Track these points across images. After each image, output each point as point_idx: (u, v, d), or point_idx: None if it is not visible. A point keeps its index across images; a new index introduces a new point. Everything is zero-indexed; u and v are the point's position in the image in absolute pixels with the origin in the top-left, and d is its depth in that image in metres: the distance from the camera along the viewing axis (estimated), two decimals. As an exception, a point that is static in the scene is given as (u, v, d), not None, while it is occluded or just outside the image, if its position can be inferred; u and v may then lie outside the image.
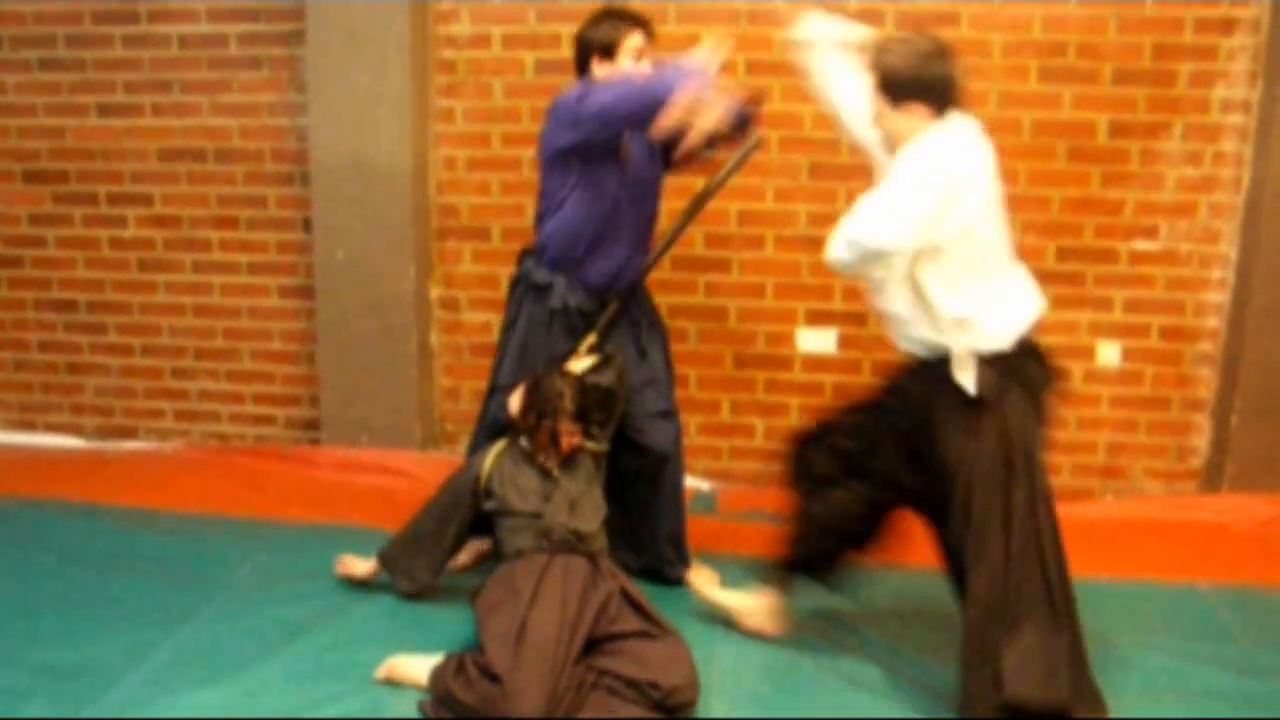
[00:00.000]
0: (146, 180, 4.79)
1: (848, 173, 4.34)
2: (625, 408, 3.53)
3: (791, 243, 4.48)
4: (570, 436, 3.34)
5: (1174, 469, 4.56)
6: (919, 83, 2.83)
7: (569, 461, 3.37)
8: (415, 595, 3.48)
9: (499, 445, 3.46)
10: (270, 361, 4.88)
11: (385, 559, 3.54)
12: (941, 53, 2.87)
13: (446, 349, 4.75)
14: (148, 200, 4.80)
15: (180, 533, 3.99)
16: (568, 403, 3.36)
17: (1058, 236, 4.38)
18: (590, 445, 3.43)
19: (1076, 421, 4.52)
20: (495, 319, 4.60)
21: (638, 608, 3.06)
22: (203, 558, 3.78)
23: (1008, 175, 4.24)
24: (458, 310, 4.71)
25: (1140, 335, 4.45)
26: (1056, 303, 4.35)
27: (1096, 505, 4.49)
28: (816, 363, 4.58)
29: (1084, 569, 3.13)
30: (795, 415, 4.59)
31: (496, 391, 3.67)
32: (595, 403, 3.42)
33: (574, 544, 3.17)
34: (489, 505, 3.36)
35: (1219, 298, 4.39)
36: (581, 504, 3.29)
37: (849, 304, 4.50)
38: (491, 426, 3.65)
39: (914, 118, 2.86)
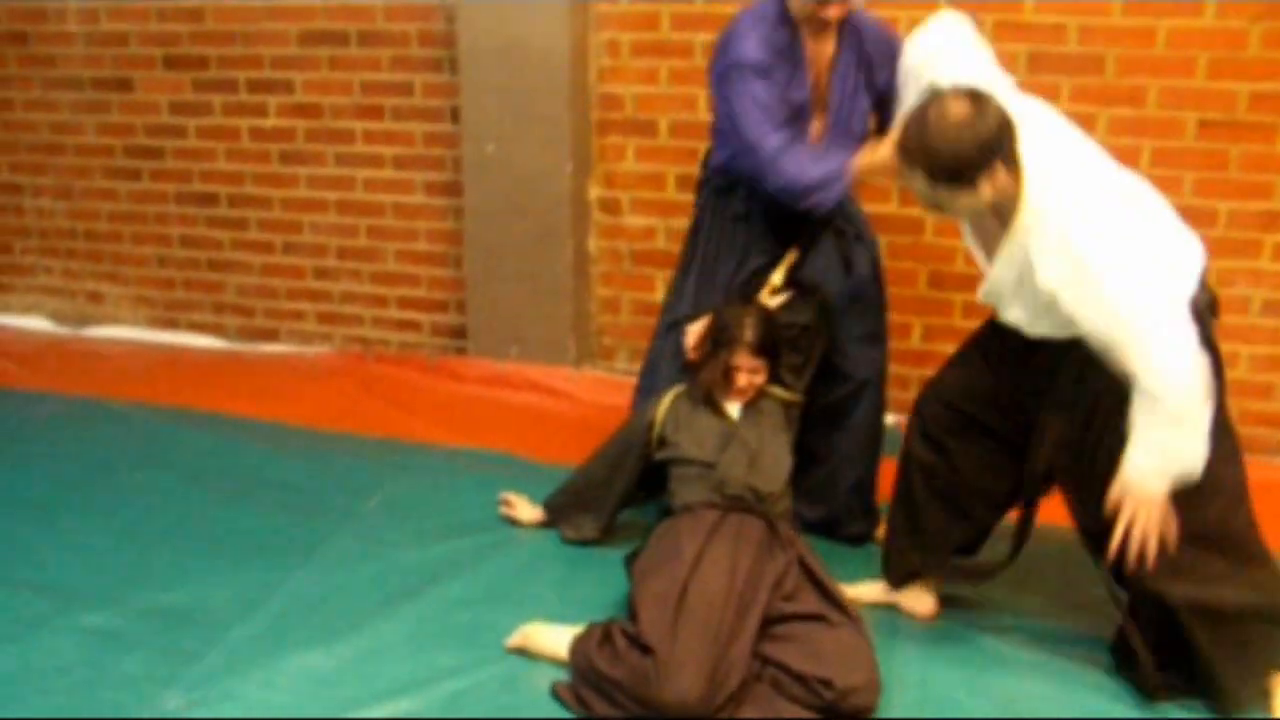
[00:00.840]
0: (287, 66, 4.43)
1: (1074, 64, 3.70)
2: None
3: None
4: (751, 375, 2.89)
5: None
6: (986, 151, 2.30)
7: (752, 408, 2.93)
8: (580, 543, 3.14)
9: (675, 389, 3.04)
10: (416, 263, 4.52)
11: (552, 509, 3.20)
12: (977, 104, 2.31)
13: (605, 255, 4.31)
14: (288, 87, 4.44)
15: (312, 453, 3.69)
16: (748, 332, 2.91)
17: None
18: (778, 392, 2.99)
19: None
20: (660, 224, 4.17)
21: (818, 584, 2.60)
22: (332, 484, 3.47)
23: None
24: (619, 213, 4.25)
25: None
26: None
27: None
28: None
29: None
30: None
31: (674, 324, 3.23)
32: (787, 341, 2.97)
33: (751, 502, 2.74)
34: (661, 454, 2.96)
35: None
36: (762, 458, 2.84)
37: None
38: (663, 366, 3.25)
39: (999, 180, 2.34)
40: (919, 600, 2.87)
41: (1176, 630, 2.51)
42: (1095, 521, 2.50)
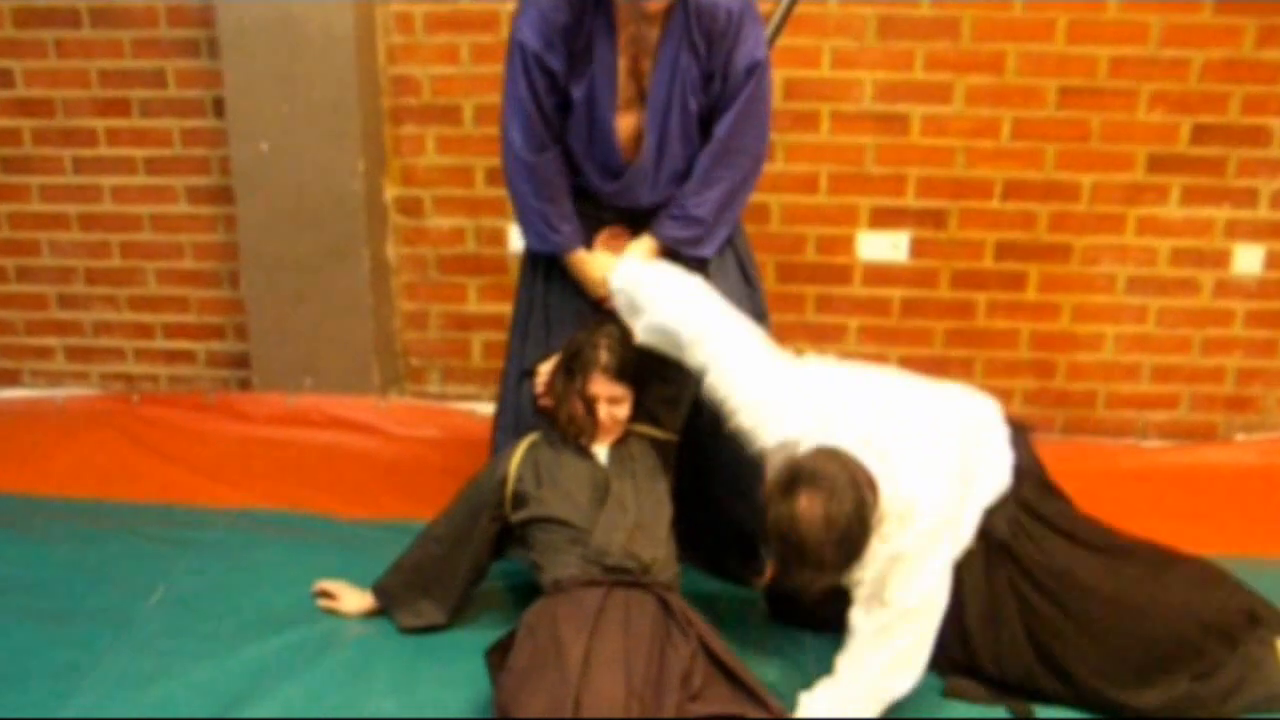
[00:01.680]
0: (2, 53, 3.65)
1: (926, 29, 3.35)
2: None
3: (853, 121, 3.47)
4: (612, 405, 2.43)
5: (1318, 397, 3.71)
6: (862, 519, 2.08)
7: (621, 451, 2.47)
8: (422, 631, 2.59)
9: (529, 438, 2.54)
10: (182, 284, 3.82)
11: (385, 594, 2.62)
12: (821, 488, 2.06)
13: (408, 264, 3.73)
14: (6, 79, 3.66)
15: (70, 536, 2.98)
16: (603, 354, 2.43)
17: (1195, 111, 3.42)
18: (648, 430, 2.53)
19: (1202, 343, 3.63)
20: (469, 224, 3.64)
21: (728, 673, 2.15)
22: (98, 579, 2.79)
23: (1137, 31, 3.36)
24: (421, 215, 3.68)
25: (1289, 234, 3.55)
26: (1189, 197, 3.46)
27: (1225, 447, 3.63)
28: (882, 274, 3.62)
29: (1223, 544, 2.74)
30: (853, 339, 3.68)
31: (525, 374, 2.76)
32: (655, 370, 2.50)
33: (636, 574, 2.26)
34: (520, 516, 2.45)
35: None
36: (642, 515, 2.37)
37: (924, 199, 3.52)
38: (517, 422, 2.77)
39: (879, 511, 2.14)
40: None
41: None
42: None
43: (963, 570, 2.32)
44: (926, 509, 2.15)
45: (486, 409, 3.67)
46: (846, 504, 2.03)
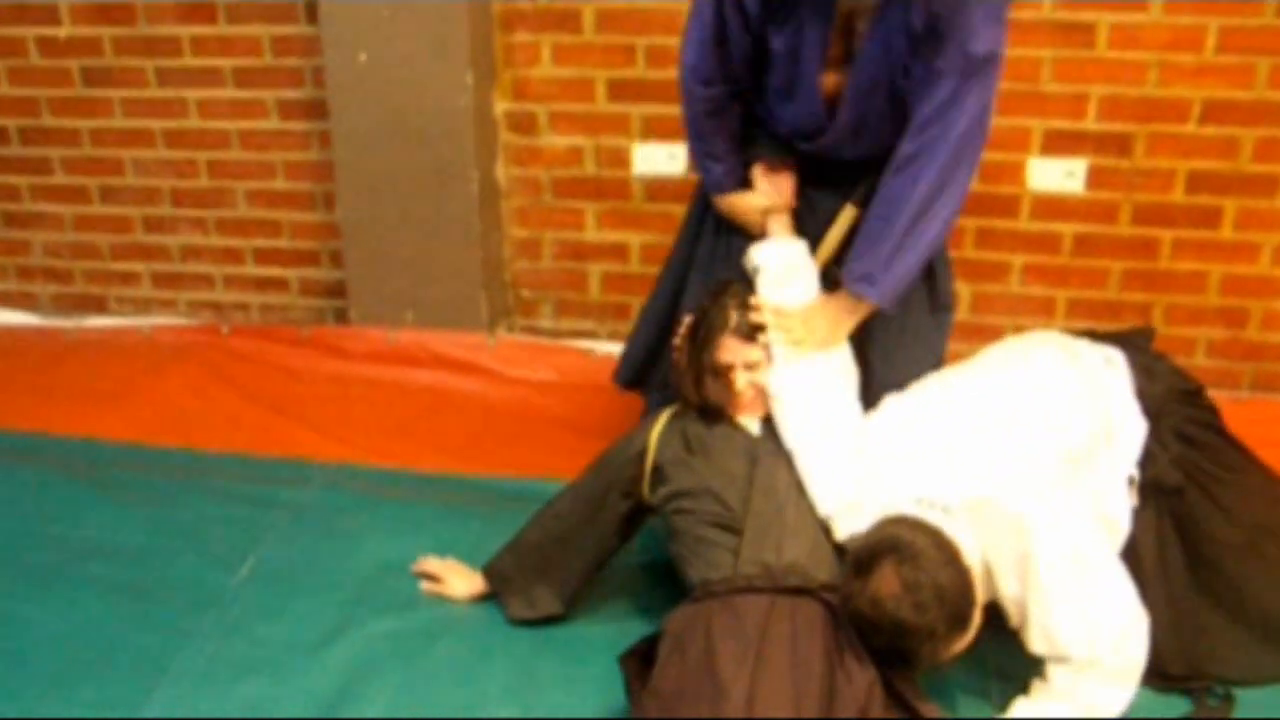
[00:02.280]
0: (78, -50, 3.34)
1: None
2: None
3: (1029, 31, 2.99)
4: (750, 371, 2.10)
5: None
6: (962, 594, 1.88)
7: (773, 426, 2.13)
8: (537, 623, 2.28)
9: (673, 406, 2.21)
10: (274, 206, 3.51)
11: (497, 576, 2.31)
12: (904, 567, 1.85)
13: (520, 186, 3.39)
14: (85, -21, 3.37)
15: (152, 494, 2.70)
16: (732, 312, 2.11)
17: None
18: None
19: None
20: (588, 143, 3.26)
21: (907, 706, 1.81)
22: (185, 545, 2.51)
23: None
24: (535, 132, 3.32)
25: None
26: None
27: None
28: (1054, 206, 3.17)
29: None
30: (1016, 279, 3.27)
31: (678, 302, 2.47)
32: None
33: (803, 578, 1.94)
34: (663, 492, 2.12)
35: None
36: (790, 501, 2.04)
37: (1107, 122, 3.05)
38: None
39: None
40: None
41: None
42: None
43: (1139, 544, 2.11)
44: (1038, 530, 1.91)
45: (605, 348, 3.35)
46: (920, 557, 1.85)
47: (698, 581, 1.99)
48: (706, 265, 2.43)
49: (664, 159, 3.26)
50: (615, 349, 3.33)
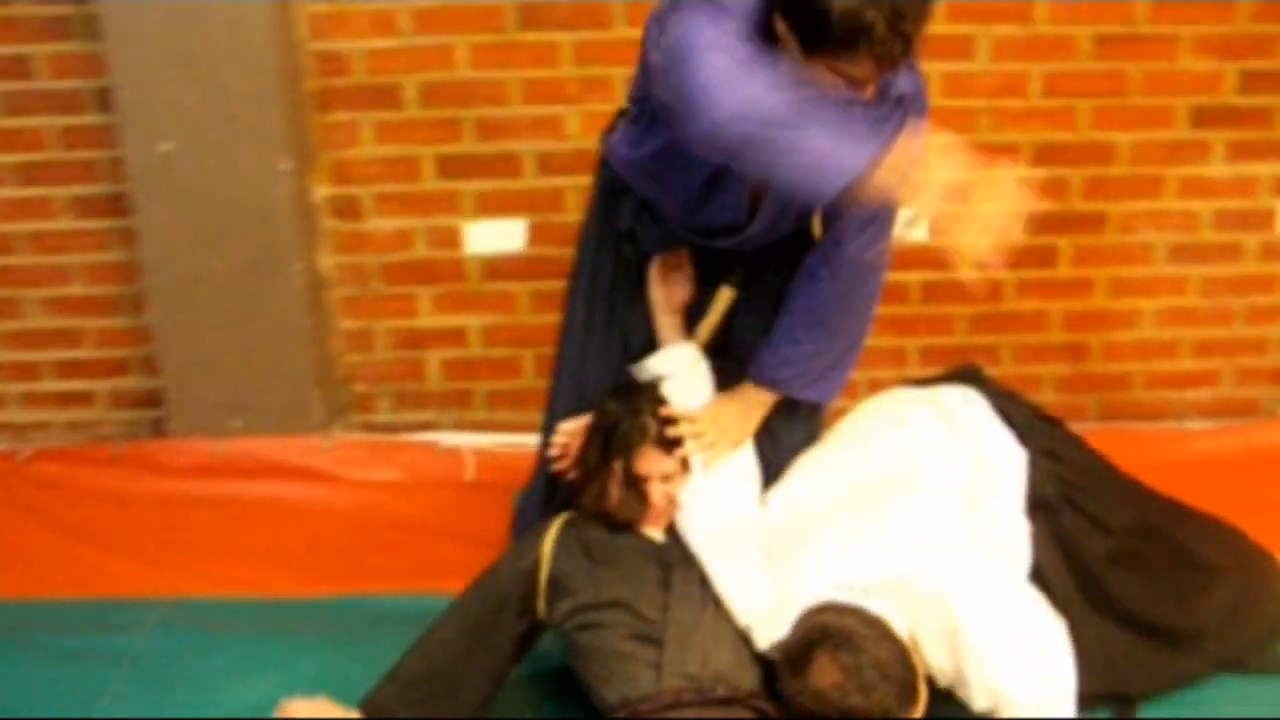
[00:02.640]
0: None
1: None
2: None
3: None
4: (666, 483, 1.97)
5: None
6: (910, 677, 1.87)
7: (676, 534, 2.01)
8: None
9: (563, 516, 2.04)
10: (73, 313, 3.16)
11: (376, 712, 2.05)
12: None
13: (347, 275, 3.14)
14: None
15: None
16: (649, 420, 1.98)
17: (1242, 57, 3.04)
18: None
19: (1246, 313, 3.28)
20: (419, 225, 3.08)
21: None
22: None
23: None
24: (359, 216, 3.09)
25: (1337, 189, 3.20)
26: (1234, 153, 3.09)
27: (1277, 427, 3.31)
28: (902, 256, 3.02)
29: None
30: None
31: (560, 390, 2.33)
32: None
33: (730, 688, 1.82)
34: (564, 608, 1.96)
35: None
36: (711, 611, 1.91)
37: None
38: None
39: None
40: None
41: None
42: None
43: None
44: (961, 607, 1.89)
45: (451, 439, 3.16)
46: (854, 638, 1.80)
47: (616, 701, 1.83)
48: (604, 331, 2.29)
49: (499, 236, 3.10)
50: (461, 440, 3.17)
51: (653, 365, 2.18)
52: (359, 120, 3.00)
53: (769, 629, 1.94)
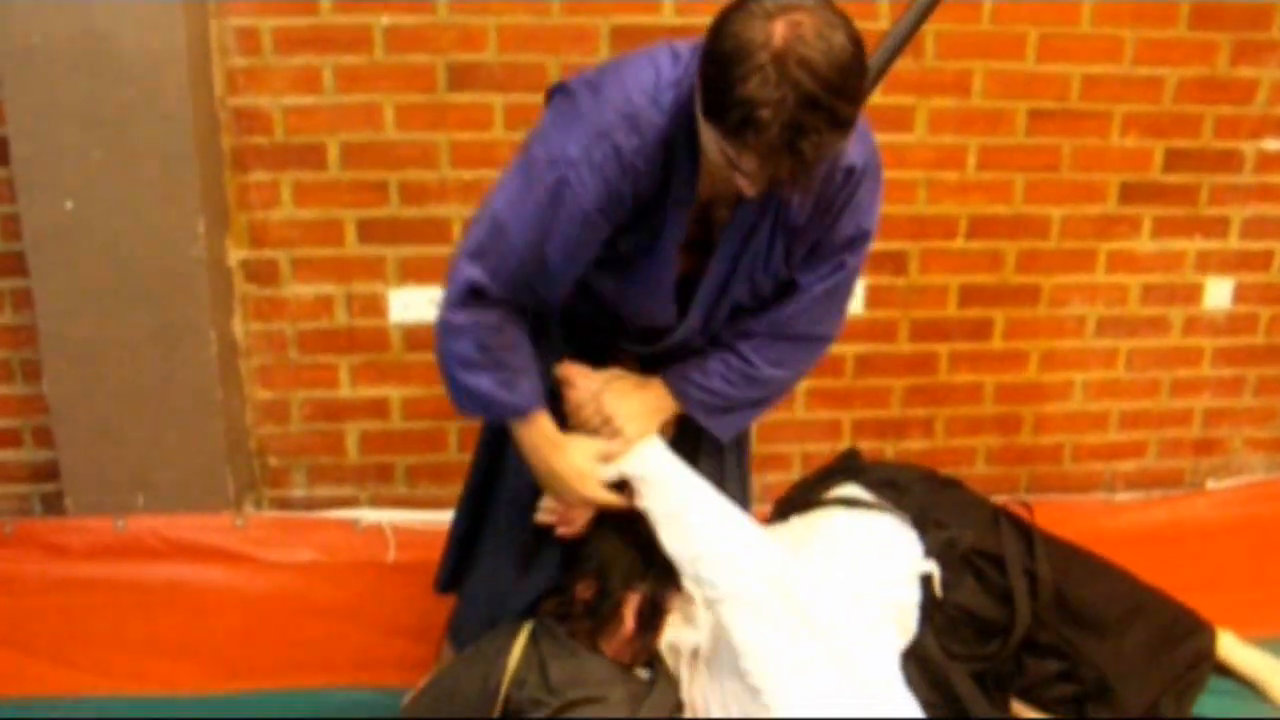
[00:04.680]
0: None
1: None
2: None
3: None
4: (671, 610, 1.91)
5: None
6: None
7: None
8: None
9: (527, 625, 1.91)
10: (-41, 380, 2.97)
11: None
12: None
13: (261, 343, 2.97)
14: None
15: None
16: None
17: (1169, 135, 3.06)
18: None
19: (1171, 385, 3.31)
20: (338, 291, 2.94)
21: None
22: None
23: (1111, 47, 3.00)
24: (276, 281, 2.92)
25: (1258, 268, 3.26)
26: (1161, 228, 3.14)
27: (1204, 499, 3.31)
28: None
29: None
30: (802, 405, 3.16)
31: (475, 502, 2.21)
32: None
33: None
34: None
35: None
36: None
37: (883, 241, 2.75)
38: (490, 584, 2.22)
39: None
40: None
41: None
42: None
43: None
44: None
45: (370, 516, 3.00)
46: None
47: None
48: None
49: (424, 304, 2.93)
50: (380, 516, 3.01)
51: (628, 466, 2.01)
52: (278, 180, 2.84)
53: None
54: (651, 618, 2.00)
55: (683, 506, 1.92)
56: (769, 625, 1.85)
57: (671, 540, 1.91)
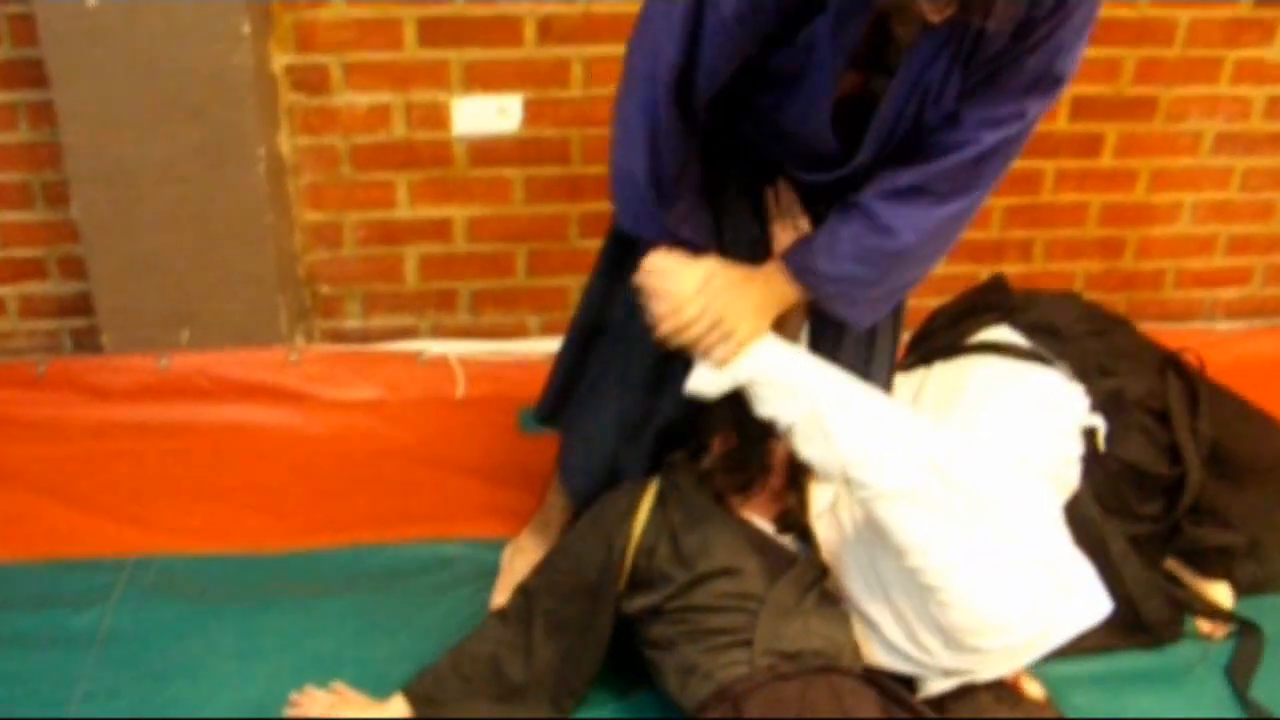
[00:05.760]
0: None
1: None
2: None
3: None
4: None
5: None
6: None
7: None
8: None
9: (654, 483, 1.74)
10: (-24, 201, 2.64)
11: (422, 698, 1.73)
12: None
13: (311, 159, 2.65)
14: None
15: None
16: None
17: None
18: None
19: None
20: (396, 100, 2.63)
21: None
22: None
23: None
24: (327, 90, 2.59)
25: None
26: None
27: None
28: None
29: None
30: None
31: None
32: None
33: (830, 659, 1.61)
34: (648, 601, 1.64)
35: None
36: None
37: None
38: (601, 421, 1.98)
39: None
40: None
41: None
42: None
43: None
44: None
45: (435, 348, 2.76)
46: None
47: (708, 693, 1.57)
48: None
49: (492, 114, 2.64)
50: (444, 347, 2.78)
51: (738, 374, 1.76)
52: (328, -26, 2.50)
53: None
54: (798, 472, 1.82)
55: (814, 408, 1.66)
56: (939, 519, 1.64)
57: (809, 447, 1.67)
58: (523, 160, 2.71)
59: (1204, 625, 2.12)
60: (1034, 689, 1.92)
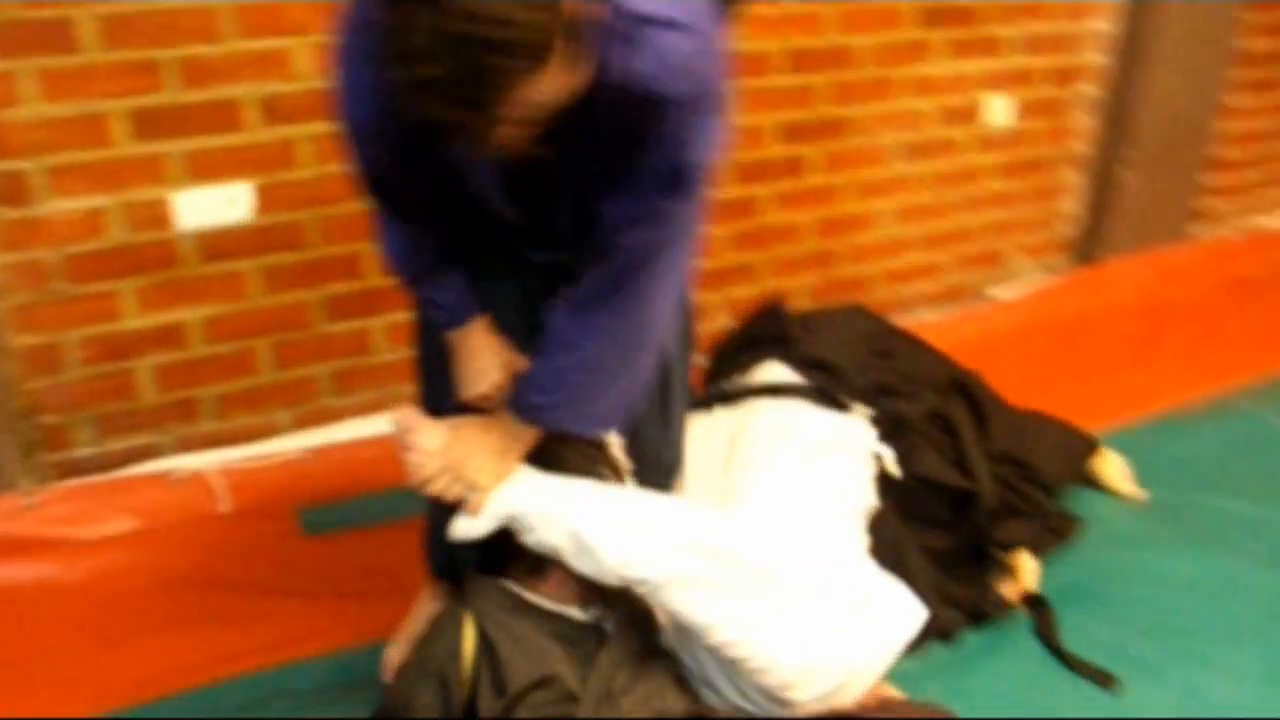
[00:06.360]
0: None
1: None
2: None
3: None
4: None
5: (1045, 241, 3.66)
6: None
7: None
8: None
9: (469, 619, 1.74)
10: None
11: None
12: None
13: (18, 277, 2.34)
14: None
15: None
16: None
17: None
18: None
19: (961, 203, 3.40)
20: (110, 202, 2.41)
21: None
22: None
23: None
24: (28, 199, 2.30)
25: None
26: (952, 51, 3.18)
27: (995, 311, 3.44)
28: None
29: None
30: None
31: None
32: None
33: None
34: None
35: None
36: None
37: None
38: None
39: None
40: None
41: None
42: None
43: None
44: None
45: (183, 464, 2.52)
46: None
47: None
48: None
49: (219, 204, 2.44)
50: (194, 461, 2.55)
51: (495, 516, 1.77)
52: (15, 70, 2.21)
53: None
54: None
55: (572, 527, 1.71)
56: (721, 594, 1.70)
57: (579, 563, 1.72)
58: (257, 250, 2.53)
59: (1008, 591, 2.29)
60: (893, 694, 2.00)
